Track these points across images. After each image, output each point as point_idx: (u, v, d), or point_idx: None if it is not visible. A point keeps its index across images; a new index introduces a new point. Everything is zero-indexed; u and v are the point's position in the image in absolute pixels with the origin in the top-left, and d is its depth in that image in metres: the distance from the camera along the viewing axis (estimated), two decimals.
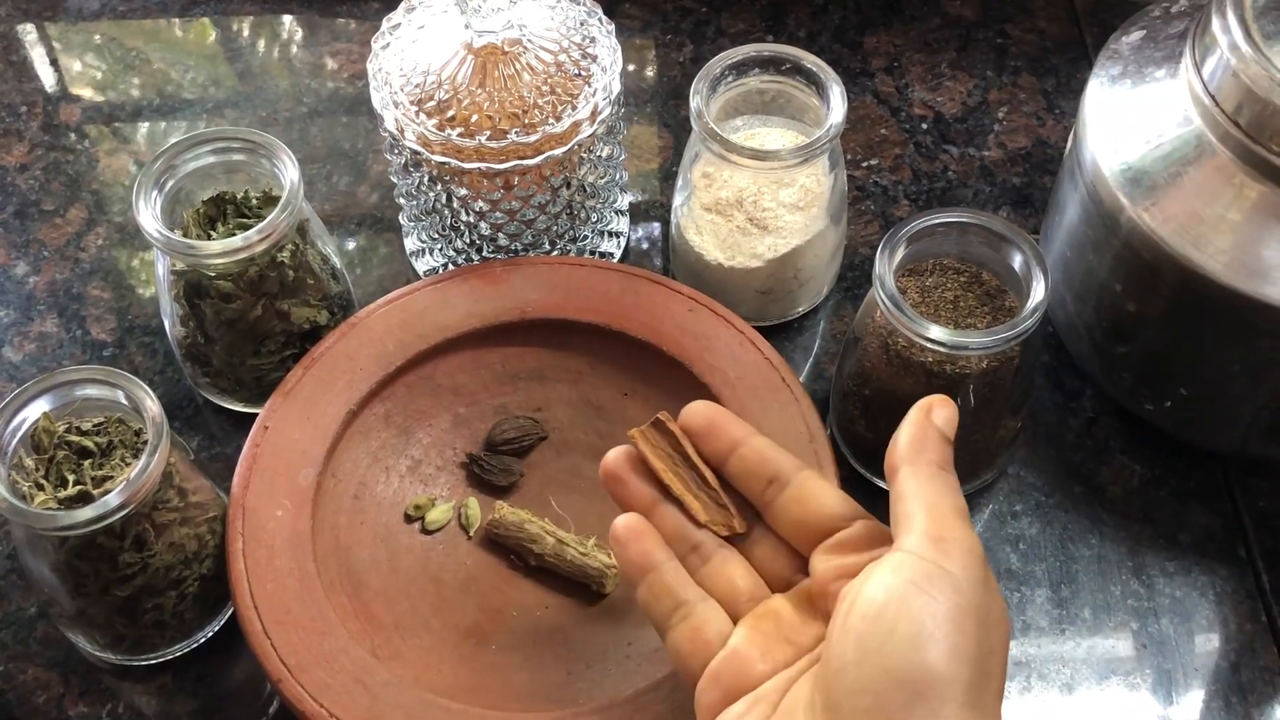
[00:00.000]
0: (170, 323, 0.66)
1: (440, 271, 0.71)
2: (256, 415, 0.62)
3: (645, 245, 0.76)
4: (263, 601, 0.57)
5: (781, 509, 0.50)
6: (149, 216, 0.61)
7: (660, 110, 0.82)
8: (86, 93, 0.84)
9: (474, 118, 0.63)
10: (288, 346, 0.65)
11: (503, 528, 0.62)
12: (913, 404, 0.60)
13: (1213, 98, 0.57)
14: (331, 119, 0.82)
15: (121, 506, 0.53)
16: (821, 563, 0.49)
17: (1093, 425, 0.69)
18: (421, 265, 0.73)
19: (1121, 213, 0.60)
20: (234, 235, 0.62)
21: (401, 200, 0.70)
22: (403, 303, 0.66)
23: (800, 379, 0.69)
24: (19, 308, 0.74)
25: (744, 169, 0.65)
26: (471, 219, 0.67)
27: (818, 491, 0.50)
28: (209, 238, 0.64)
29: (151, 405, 0.55)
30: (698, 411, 0.52)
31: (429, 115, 0.63)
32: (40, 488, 0.55)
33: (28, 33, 0.87)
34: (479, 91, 0.63)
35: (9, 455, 0.55)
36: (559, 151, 0.64)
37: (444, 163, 0.64)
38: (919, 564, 0.44)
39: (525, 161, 0.63)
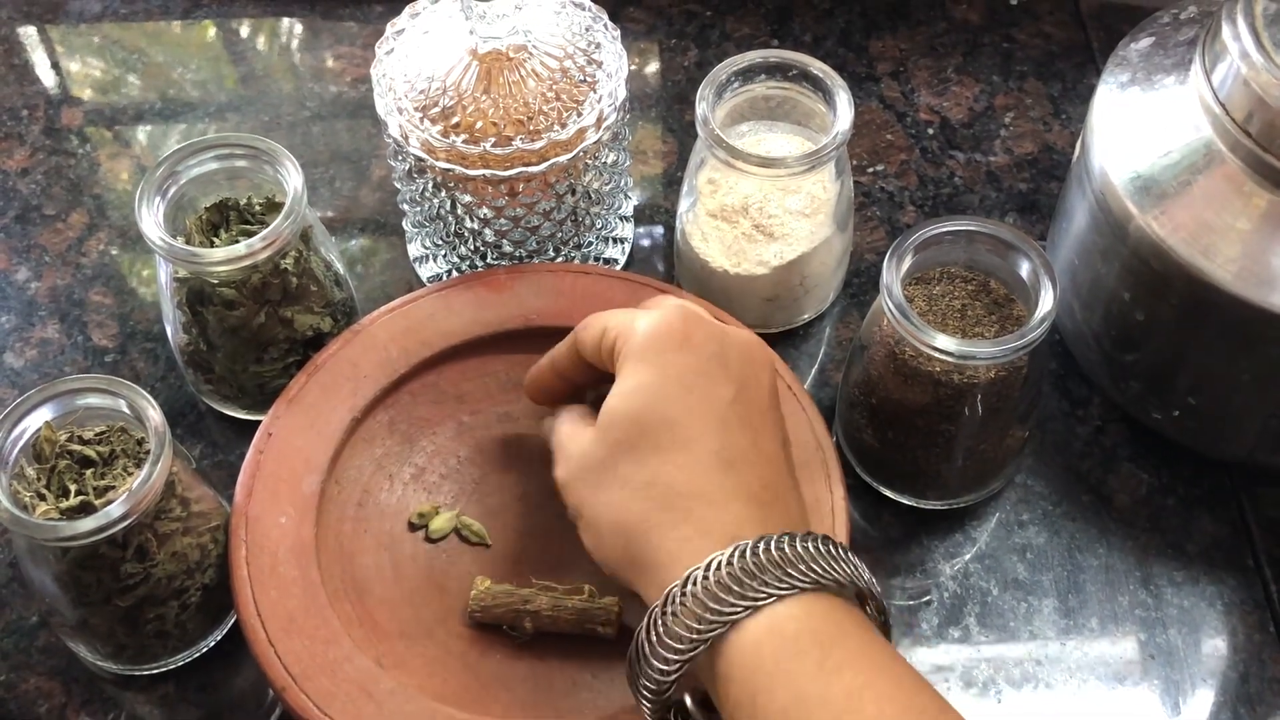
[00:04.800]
0: (172, 329, 0.66)
1: (444, 278, 0.70)
2: (259, 422, 0.62)
3: (650, 251, 0.75)
4: (266, 610, 0.56)
5: None
6: (151, 223, 0.61)
7: (665, 115, 0.82)
8: (88, 96, 0.83)
9: (478, 124, 0.62)
10: (291, 353, 0.65)
11: (489, 598, 0.59)
12: (919, 413, 0.60)
13: (1223, 106, 0.57)
14: (334, 122, 0.81)
15: (124, 517, 0.53)
16: None
17: (1100, 434, 0.68)
18: (425, 272, 0.72)
19: (1130, 221, 0.59)
20: (237, 242, 0.61)
21: (405, 206, 0.70)
22: (406, 309, 0.65)
23: (806, 386, 0.68)
24: (20, 313, 0.73)
25: (750, 175, 0.65)
26: (476, 226, 0.67)
27: None
28: (212, 244, 0.64)
29: (154, 414, 0.55)
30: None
31: (433, 122, 0.63)
32: (42, 498, 0.54)
33: (29, 35, 0.87)
34: (484, 98, 0.62)
35: (10, 465, 0.54)
36: (564, 158, 0.63)
37: (448, 169, 0.63)
38: None
39: (530, 168, 0.63)
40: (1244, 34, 0.55)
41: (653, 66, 0.84)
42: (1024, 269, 0.59)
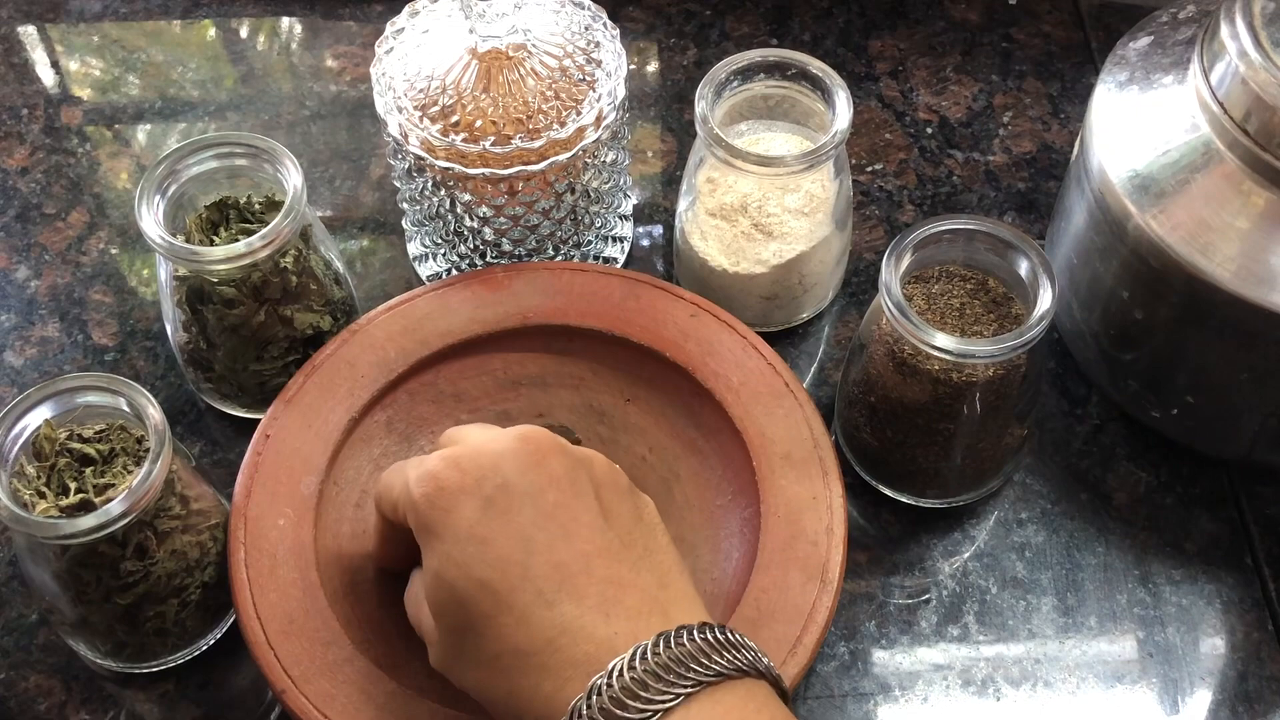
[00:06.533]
0: (172, 328, 0.66)
1: (444, 277, 0.70)
2: (259, 420, 0.62)
3: (649, 250, 0.76)
4: (265, 611, 0.56)
5: None
6: (151, 222, 0.61)
7: (664, 114, 0.82)
8: (88, 95, 0.84)
9: (478, 123, 0.62)
10: (290, 352, 0.65)
11: None
12: (918, 411, 0.60)
13: (1221, 105, 0.57)
14: (334, 121, 0.81)
15: (123, 515, 0.53)
16: None
17: (1099, 432, 0.68)
18: (425, 270, 0.73)
19: (1129, 220, 0.60)
20: (237, 241, 0.61)
21: (405, 205, 0.70)
22: (404, 309, 0.65)
23: (805, 385, 0.68)
24: (20, 312, 0.73)
25: (749, 174, 0.65)
26: (475, 224, 0.67)
27: None
28: (212, 243, 0.64)
29: (154, 413, 0.55)
30: None
31: (433, 121, 0.63)
32: (42, 496, 0.54)
33: (29, 34, 0.87)
34: (483, 97, 0.62)
35: (10, 463, 0.54)
36: (563, 157, 0.63)
37: (447, 168, 0.63)
38: None
39: (529, 167, 0.63)
40: (1242, 33, 0.55)
41: (652, 65, 0.84)
42: (1023, 268, 0.59)
